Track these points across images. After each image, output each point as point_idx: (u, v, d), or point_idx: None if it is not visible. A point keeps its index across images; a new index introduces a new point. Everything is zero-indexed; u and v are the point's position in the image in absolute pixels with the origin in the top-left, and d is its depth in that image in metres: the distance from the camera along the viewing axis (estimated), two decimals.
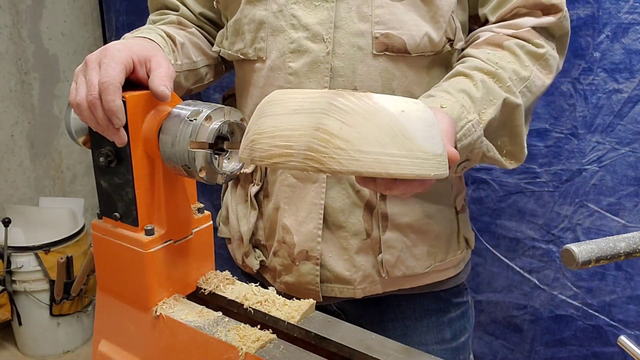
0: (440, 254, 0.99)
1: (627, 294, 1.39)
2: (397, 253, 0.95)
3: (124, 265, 0.88)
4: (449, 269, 1.02)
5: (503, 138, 0.86)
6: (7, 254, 2.23)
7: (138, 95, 0.82)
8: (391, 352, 0.79)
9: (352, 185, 0.93)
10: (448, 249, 1.00)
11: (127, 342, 0.93)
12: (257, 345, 0.77)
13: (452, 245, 1.01)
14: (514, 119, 0.84)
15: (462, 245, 1.03)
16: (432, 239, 0.98)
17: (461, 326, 1.07)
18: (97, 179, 0.88)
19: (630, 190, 1.33)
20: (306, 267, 0.96)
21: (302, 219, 0.95)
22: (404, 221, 0.95)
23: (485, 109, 0.80)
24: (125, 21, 2.36)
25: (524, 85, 0.85)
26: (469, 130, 0.78)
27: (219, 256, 1.01)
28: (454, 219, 1.01)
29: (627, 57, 1.26)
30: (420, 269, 0.98)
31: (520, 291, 1.56)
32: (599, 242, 0.63)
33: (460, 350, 1.07)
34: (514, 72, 0.84)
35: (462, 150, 0.77)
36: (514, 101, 0.83)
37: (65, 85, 2.62)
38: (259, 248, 1.05)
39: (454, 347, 1.06)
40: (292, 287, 1.00)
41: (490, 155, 0.83)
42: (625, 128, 1.30)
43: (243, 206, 1.04)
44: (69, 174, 2.73)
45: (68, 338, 2.42)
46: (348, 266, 0.96)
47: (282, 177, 0.95)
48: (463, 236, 1.03)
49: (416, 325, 1.03)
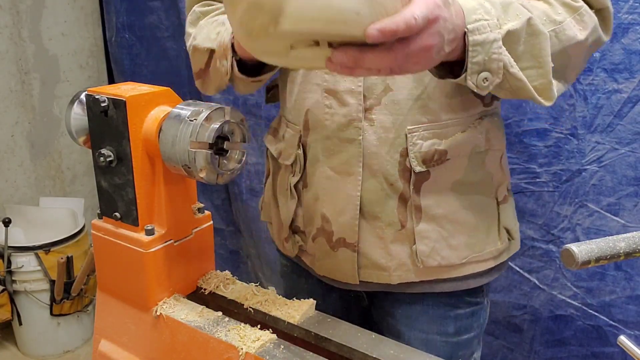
0: (478, 245, 0.99)
1: (626, 294, 1.40)
2: (431, 244, 0.96)
3: (124, 265, 0.88)
4: (488, 260, 1.01)
5: (530, 71, 0.80)
6: (7, 253, 2.23)
7: (138, 96, 0.82)
8: (391, 352, 0.79)
9: (386, 178, 0.95)
10: (487, 240, 1.00)
11: (127, 341, 0.93)
12: (257, 345, 0.77)
13: (492, 236, 1.00)
14: (540, 47, 0.79)
15: (503, 236, 1.01)
16: (470, 230, 0.98)
17: (468, 324, 1.06)
18: (98, 179, 0.88)
19: (630, 191, 1.33)
20: (344, 254, 0.99)
21: (340, 209, 0.97)
22: (439, 212, 0.95)
23: (509, 21, 0.76)
24: (125, 21, 2.36)
25: (552, 28, 0.80)
26: (482, 26, 0.73)
27: (219, 256, 1.01)
28: (495, 210, 1.00)
29: (627, 57, 1.26)
30: (456, 259, 0.98)
31: (520, 291, 1.56)
32: (598, 242, 0.63)
33: (462, 346, 1.07)
34: (544, 13, 0.81)
35: (475, 47, 0.74)
36: (540, 28, 0.78)
37: (65, 85, 2.62)
38: (297, 234, 1.08)
39: (456, 341, 1.06)
40: (330, 271, 1.03)
41: (513, 73, 0.77)
42: (625, 128, 1.30)
43: (283, 195, 1.07)
44: (69, 174, 2.73)
45: (68, 338, 2.42)
46: (384, 254, 0.98)
47: (321, 170, 0.98)
48: (504, 227, 1.01)
49: (421, 313, 1.04)
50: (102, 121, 0.84)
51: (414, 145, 0.92)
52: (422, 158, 0.92)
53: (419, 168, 0.92)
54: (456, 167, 0.95)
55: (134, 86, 0.87)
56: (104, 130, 0.84)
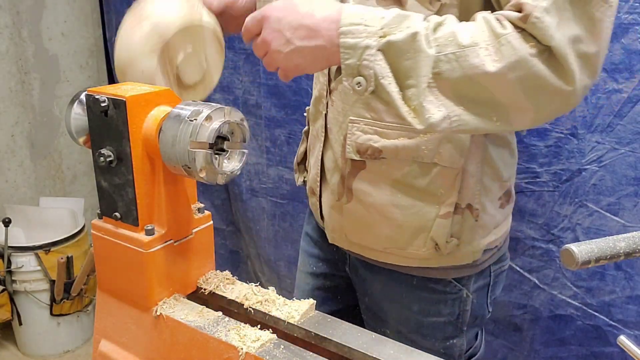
0: (400, 242, 1.02)
1: (626, 294, 1.40)
2: (356, 224, 1.06)
3: (124, 265, 0.88)
4: (411, 259, 1.03)
5: (412, 89, 0.78)
6: (7, 253, 2.23)
7: (138, 96, 0.82)
8: (391, 352, 0.79)
9: (334, 154, 1.06)
10: (411, 242, 1.01)
11: (127, 341, 0.93)
12: (257, 345, 0.77)
13: (418, 242, 1.00)
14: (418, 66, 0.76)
15: (429, 245, 1.00)
16: (394, 226, 1.01)
17: (435, 309, 1.08)
18: (98, 179, 0.88)
19: (630, 190, 1.33)
20: (313, 200, 1.16)
21: (313, 164, 1.14)
22: (369, 200, 1.02)
23: (395, 33, 0.76)
24: None
25: (453, 51, 0.75)
26: (357, 31, 0.77)
27: (219, 256, 1.02)
28: (430, 220, 0.99)
29: (627, 57, 1.26)
30: (376, 245, 1.05)
31: (520, 291, 1.56)
32: (598, 242, 0.63)
33: (424, 325, 1.09)
34: (454, 33, 0.75)
35: (347, 50, 0.77)
36: (422, 46, 0.75)
37: (66, 85, 2.62)
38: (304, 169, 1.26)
39: (418, 319, 1.09)
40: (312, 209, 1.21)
41: (384, 84, 0.77)
42: (625, 128, 1.30)
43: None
44: (69, 174, 2.73)
45: (68, 338, 2.43)
46: (328, 212, 1.12)
47: (312, 128, 1.14)
48: (432, 238, 0.99)
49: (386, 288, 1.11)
50: (102, 121, 0.84)
51: (352, 135, 1.00)
52: (357, 148, 1.00)
53: (353, 156, 1.00)
54: (394, 167, 0.98)
55: (134, 86, 0.87)
56: (104, 130, 0.84)
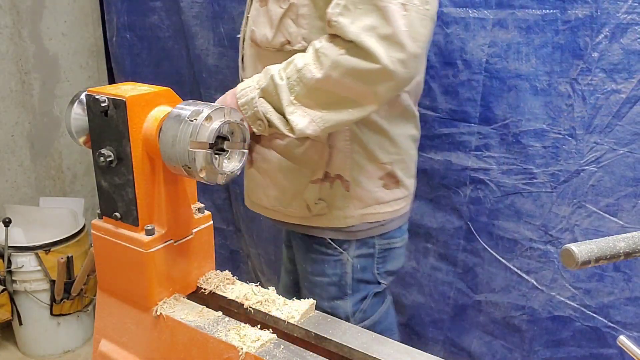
0: (285, 201, 1.24)
1: (625, 295, 1.39)
2: (253, 185, 1.29)
3: (125, 265, 0.88)
4: (292, 217, 1.25)
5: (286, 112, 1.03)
6: (7, 253, 2.23)
7: (138, 96, 0.82)
8: (391, 352, 0.79)
9: None
10: (292, 202, 1.23)
11: (127, 341, 0.93)
12: (257, 345, 0.78)
13: (296, 202, 1.23)
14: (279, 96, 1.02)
15: (302, 205, 1.22)
16: (280, 189, 1.23)
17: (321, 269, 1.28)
18: (98, 179, 0.89)
19: (629, 191, 1.33)
20: None
21: None
22: (263, 167, 1.24)
23: (264, 82, 1.04)
24: (125, 21, 2.36)
25: (297, 76, 1.01)
26: (245, 92, 1.05)
27: (219, 256, 1.02)
28: (304, 184, 1.20)
29: (626, 57, 1.26)
30: (267, 204, 1.27)
31: (518, 292, 1.56)
32: (598, 242, 0.63)
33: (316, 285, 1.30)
34: (295, 64, 1.02)
35: (244, 106, 1.04)
36: (276, 81, 1.02)
37: (66, 85, 2.62)
38: None
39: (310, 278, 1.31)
40: None
41: (269, 118, 1.03)
42: (624, 129, 1.30)
43: None
44: (69, 174, 2.74)
45: (68, 338, 2.43)
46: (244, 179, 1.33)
47: None
48: (304, 200, 1.21)
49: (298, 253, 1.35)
50: (102, 121, 0.84)
51: None
52: None
53: None
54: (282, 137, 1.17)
55: (134, 86, 0.87)
56: (104, 130, 0.84)
